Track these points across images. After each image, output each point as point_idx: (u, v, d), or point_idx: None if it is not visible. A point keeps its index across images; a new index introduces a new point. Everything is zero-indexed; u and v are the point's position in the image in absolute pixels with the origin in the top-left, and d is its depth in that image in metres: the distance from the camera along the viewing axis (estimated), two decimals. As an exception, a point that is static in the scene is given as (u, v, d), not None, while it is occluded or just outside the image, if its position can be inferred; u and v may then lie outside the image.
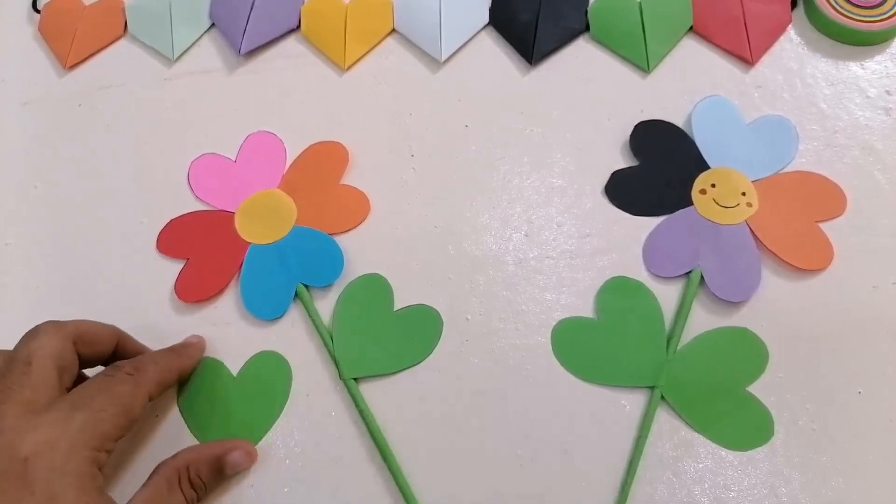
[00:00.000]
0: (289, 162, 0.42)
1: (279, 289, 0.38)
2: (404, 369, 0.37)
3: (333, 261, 0.39)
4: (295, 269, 0.39)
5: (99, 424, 0.30)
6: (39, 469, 0.28)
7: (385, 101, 0.43)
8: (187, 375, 0.37)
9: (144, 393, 0.32)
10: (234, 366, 0.37)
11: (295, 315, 0.38)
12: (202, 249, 0.40)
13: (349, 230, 0.40)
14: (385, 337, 0.37)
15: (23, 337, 0.32)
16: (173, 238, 0.41)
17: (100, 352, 0.34)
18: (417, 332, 0.37)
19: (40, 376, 0.30)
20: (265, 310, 0.38)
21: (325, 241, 0.39)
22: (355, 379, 0.36)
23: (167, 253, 0.41)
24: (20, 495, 0.27)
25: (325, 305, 0.38)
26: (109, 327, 0.35)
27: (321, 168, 0.41)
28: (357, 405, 0.36)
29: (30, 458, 0.28)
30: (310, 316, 0.38)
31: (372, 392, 0.36)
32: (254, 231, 0.40)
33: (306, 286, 0.38)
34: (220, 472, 0.34)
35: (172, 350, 0.36)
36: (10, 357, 0.31)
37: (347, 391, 0.36)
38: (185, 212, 0.41)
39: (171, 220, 0.41)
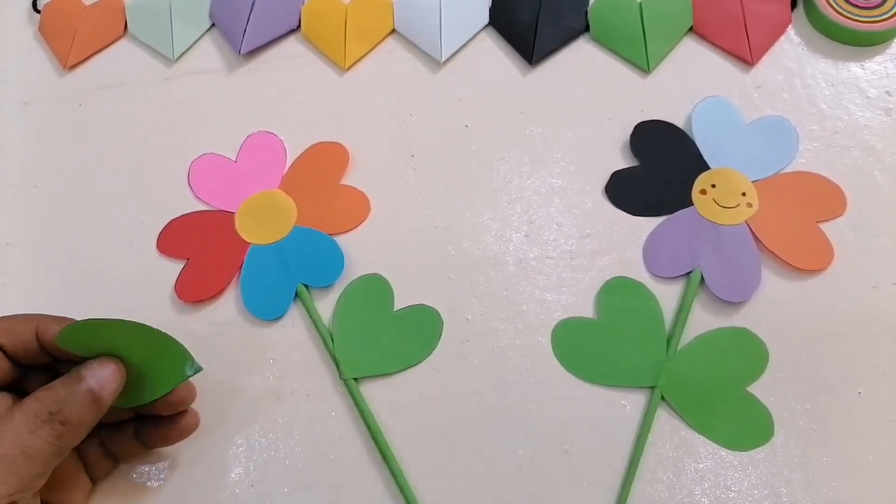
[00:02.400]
0: (289, 162, 0.42)
1: (279, 289, 0.38)
2: (404, 369, 0.37)
3: (334, 261, 0.39)
4: (295, 270, 0.39)
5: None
6: None
7: (385, 101, 0.43)
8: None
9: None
10: (229, 366, 0.37)
11: (295, 315, 0.38)
12: (202, 249, 0.40)
13: (349, 230, 0.40)
14: (385, 337, 0.37)
15: None
16: (173, 238, 0.41)
17: (21, 343, 0.31)
18: (417, 332, 0.37)
19: None
20: (265, 310, 0.38)
21: (325, 241, 0.39)
22: (355, 379, 0.36)
23: (167, 253, 0.41)
24: None
25: (326, 305, 0.38)
26: (23, 316, 0.32)
27: (321, 168, 0.41)
28: (357, 405, 0.36)
29: None
30: (310, 316, 0.38)
31: (372, 392, 0.36)
32: (254, 231, 0.40)
33: (306, 286, 0.38)
34: (92, 400, 0.29)
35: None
36: None
37: (347, 391, 0.36)
38: (185, 212, 0.41)
39: (171, 220, 0.41)
